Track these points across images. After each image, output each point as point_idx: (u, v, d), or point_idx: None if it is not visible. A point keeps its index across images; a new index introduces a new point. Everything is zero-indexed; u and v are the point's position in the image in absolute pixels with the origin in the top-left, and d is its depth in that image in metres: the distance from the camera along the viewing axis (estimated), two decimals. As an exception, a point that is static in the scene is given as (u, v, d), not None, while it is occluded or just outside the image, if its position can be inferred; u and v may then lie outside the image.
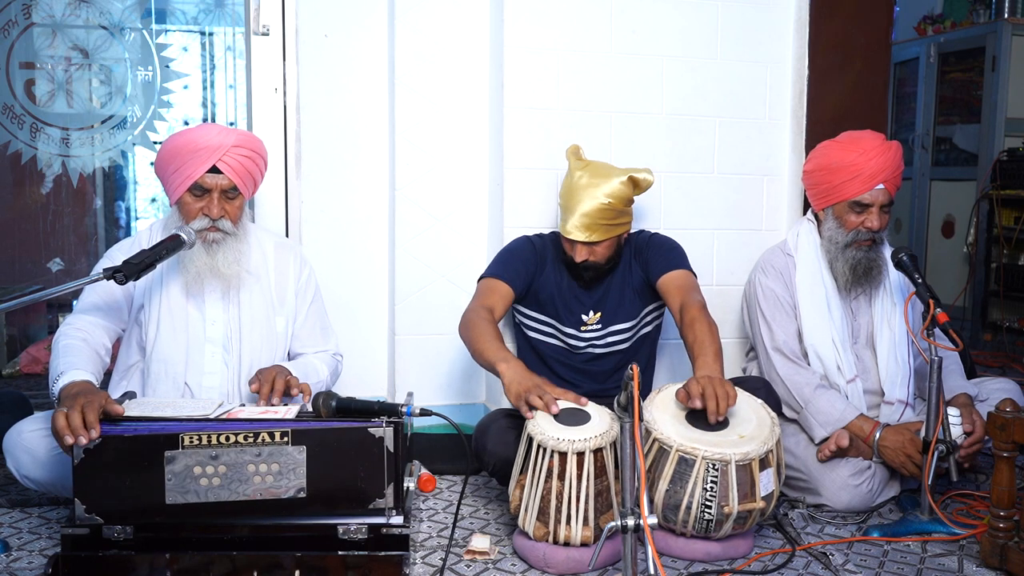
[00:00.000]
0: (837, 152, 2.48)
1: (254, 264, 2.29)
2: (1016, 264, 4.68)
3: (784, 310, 2.52)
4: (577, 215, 2.40)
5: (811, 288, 2.51)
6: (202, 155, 2.13)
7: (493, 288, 2.41)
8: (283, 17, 2.93)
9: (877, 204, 2.45)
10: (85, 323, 2.17)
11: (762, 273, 2.59)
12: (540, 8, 2.80)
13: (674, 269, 2.44)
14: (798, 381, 2.44)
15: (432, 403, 2.84)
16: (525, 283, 2.47)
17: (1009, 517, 1.97)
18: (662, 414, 2.10)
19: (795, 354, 2.48)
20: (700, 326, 2.22)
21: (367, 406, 1.92)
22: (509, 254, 2.51)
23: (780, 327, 2.51)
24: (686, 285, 2.39)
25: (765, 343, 2.52)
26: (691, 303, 2.31)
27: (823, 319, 2.48)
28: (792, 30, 3.01)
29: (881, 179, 2.43)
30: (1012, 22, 4.87)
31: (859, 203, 2.46)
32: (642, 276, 2.51)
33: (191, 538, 1.81)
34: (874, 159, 2.43)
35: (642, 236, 2.58)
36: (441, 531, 2.23)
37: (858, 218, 2.47)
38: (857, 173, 2.43)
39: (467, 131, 2.96)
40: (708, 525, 2.02)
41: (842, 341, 2.47)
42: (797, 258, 2.55)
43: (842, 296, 2.52)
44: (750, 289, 2.63)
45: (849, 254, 2.48)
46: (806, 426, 2.42)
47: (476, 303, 2.37)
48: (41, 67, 3.94)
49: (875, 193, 2.44)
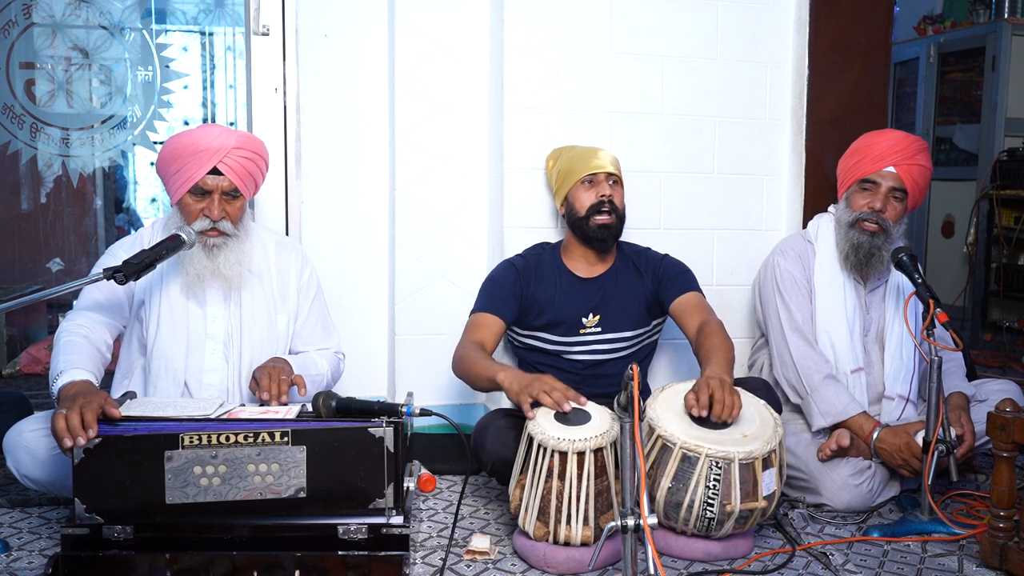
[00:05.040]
0: (859, 140, 2.58)
1: (256, 263, 2.29)
2: (1016, 264, 4.68)
3: (801, 293, 2.55)
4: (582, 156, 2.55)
5: (829, 275, 2.54)
6: (203, 157, 2.14)
7: (481, 323, 2.42)
8: (283, 17, 2.93)
9: (885, 185, 2.48)
10: (86, 320, 2.17)
11: (781, 256, 2.61)
12: (540, 8, 2.80)
13: (689, 291, 2.48)
14: (809, 366, 2.45)
15: (432, 403, 2.84)
16: (514, 309, 2.48)
17: (1009, 517, 1.97)
18: (666, 411, 2.10)
19: (812, 337, 2.50)
20: (717, 339, 2.27)
21: (367, 406, 1.92)
22: (492, 284, 2.52)
23: (798, 308, 2.53)
24: (704, 306, 2.45)
25: (783, 322, 2.53)
26: (710, 321, 2.36)
27: (838, 306, 2.50)
28: (792, 30, 3.01)
29: (891, 161, 2.47)
30: (1012, 22, 4.87)
31: (867, 181, 2.50)
32: (653, 291, 2.52)
33: (191, 538, 1.81)
34: (885, 141, 2.49)
35: (652, 253, 2.60)
36: (441, 531, 2.23)
37: (864, 198, 2.50)
38: (867, 153, 2.51)
39: (467, 131, 2.96)
40: (709, 524, 2.02)
41: (852, 331, 2.49)
42: (817, 246, 2.59)
43: (858, 288, 2.53)
44: (766, 271, 2.65)
45: (852, 235, 2.51)
46: (807, 412, 2.43)
47: (466, 339, 2.39)
48: (41, 67, 3.94)
49: (883, 174, 2.48)
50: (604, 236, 2.48)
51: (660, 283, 2.52)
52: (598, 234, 2.47)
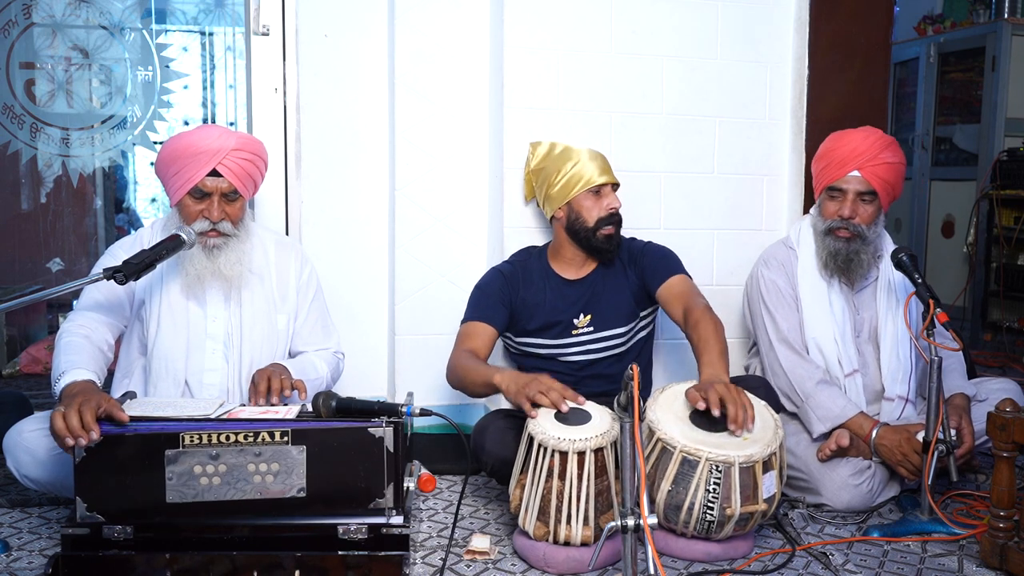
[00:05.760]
0: (825, 143, 2.57)
1: (256, 263, 2.29)
2: (1016, 264, 4.68)
3: (787, 302, 2.53)
4: (585, 162, 2.48)
5: (812, 282, 2.52)
6: (202, 159, 2.13)
7: (472, 332, 2.42)
8: (283, 17, 2.93)
9: (851, 191, 2.47)
10: (87, 320, 2.17)
11: (764, 266, 2.60)
12: (540, 8, 2.80)
13: (672, 275, 2.46)
14: (801, 374, 2.44)
15: (432, 403, 2.84)
16: (504, 316, 2.47)
17: (1009, 517, 1.97)
18: (666, 414, 2.10)
19: (799, 345, 2.49)
20: (705, 325, 2.24)
21: (367, 406, 1.92)
22: (480, 293, 2.51)
23: (784, 318, 2.52)
24: (688, 290, 2.42)
25: (770, 334, 2.52)
26: (695, 306, 2.32)
27: (824, 312, 2.49)
28: (792, 30, 3.01)
29: (855, 165, 2.46)
30: (1012, 22, 4.87)
31: (834, 189, 2.51)
32: (638, 283, 2.52)
33: (191, 538, 1.82)
34: (848, 145, 2.48)
35: (635, 244, 2.59)
36: (441, 531, 2.23)
37: (834, 206, 2.50)
38: (831, 159, 2.51)
39: (467, 131, 2.96)
40: (709, 526, 2.02)
41: (842, 334, 2.48)
42: (799, 251, 2.57)
43: (844, 290, 2.53)
44: (752, 283, 2.64)
45: (828, 242, 2.51)
46: (805, 420, 2.42)
47: (458, 349, 2.39)
48: (41, 67, 3.95)
49: (848, 179, 2.47)
50: (611, 247, 2.48)
51: (644, 272, 2.50)
52: (606, 245, 2.47)
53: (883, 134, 2.52)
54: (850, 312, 2.53)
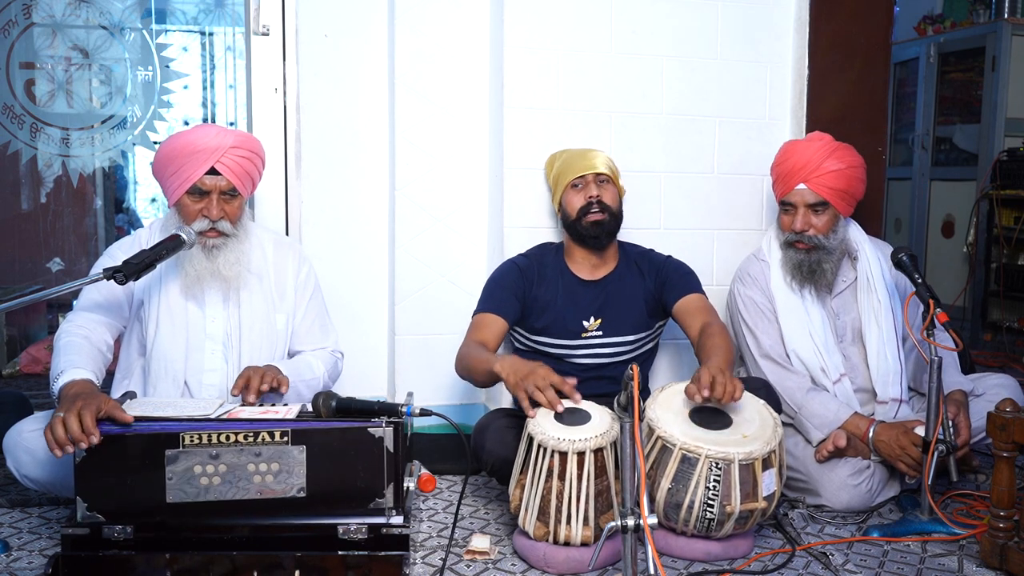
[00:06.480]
0: (777, 155, 2.59)
1: (255, 263, 2.29)
2: (1016, 264, 4.68)
3: (766, 316, 2.53)
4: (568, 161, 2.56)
5: (785, 294, 2.52)
6: (200, 157, 2.13)
7: (484, 323, 2.42)
8: (283, 17, 2.93)
9: (802, 204, 2.48)
10: (87, 320, 2.16)
11: (740, 283, 2.61)
12: (540, 8, 2.80)
13: (692, 293, 2.48)
14: (789, 386, 2.44)
15: (432, 403, 2.84)
16: (516, 308, 2.47)
17: (1009, 517, 1.97)
18: (665, 412, 2.10)
19: (783, 359, 2.49)
20: (719, 339, 2.26)
21: (367, 406, 1.92)
22: (494, 284, 2.51)
23: (764, 334, 2.52)
24: (708, 308, 2.45)
25: (753, 352, 2.53)
26: (713, 323, 2.36)
27: (800, 322, 2.48)
28: (792, 30, 3.01)
29: (801, 178, 2.47)
30: (1012, 22, 4.87)
31: (785, 203, 2.53)
32: (655, 292, 2.52)
33: (191, 538, 1.81)
34: (792, 158, 2.50)
35: (656, 255, 2.60)
36: (441, 531, 2.23)
37: (788, 219, 2.53)
38: (780, 173, 2.54)
39: (467, 131, 2.96)
40: (709, 524, 2.02)
41: (824, 343, 2.47)
42: (770, 262, 2.58)
43: (822, 296, 2.52)
44: (731, 300, 2.65)
45: (790, 254, 2.52)
46: (802, 430, 2.42)
47: (468, 339, 2.39)
48: (41, 67, 3.95)
49: (796, 193, 2.49)
50: (597, 233, 2.47)
51: (663, 285, 2.51)
52: (591, 231, 2.47)
53: (830, 140, 2.51)
54: (829, 318, 2.52)
